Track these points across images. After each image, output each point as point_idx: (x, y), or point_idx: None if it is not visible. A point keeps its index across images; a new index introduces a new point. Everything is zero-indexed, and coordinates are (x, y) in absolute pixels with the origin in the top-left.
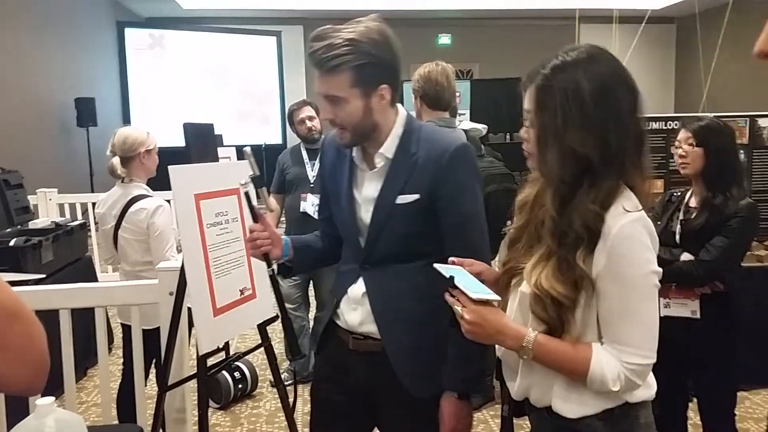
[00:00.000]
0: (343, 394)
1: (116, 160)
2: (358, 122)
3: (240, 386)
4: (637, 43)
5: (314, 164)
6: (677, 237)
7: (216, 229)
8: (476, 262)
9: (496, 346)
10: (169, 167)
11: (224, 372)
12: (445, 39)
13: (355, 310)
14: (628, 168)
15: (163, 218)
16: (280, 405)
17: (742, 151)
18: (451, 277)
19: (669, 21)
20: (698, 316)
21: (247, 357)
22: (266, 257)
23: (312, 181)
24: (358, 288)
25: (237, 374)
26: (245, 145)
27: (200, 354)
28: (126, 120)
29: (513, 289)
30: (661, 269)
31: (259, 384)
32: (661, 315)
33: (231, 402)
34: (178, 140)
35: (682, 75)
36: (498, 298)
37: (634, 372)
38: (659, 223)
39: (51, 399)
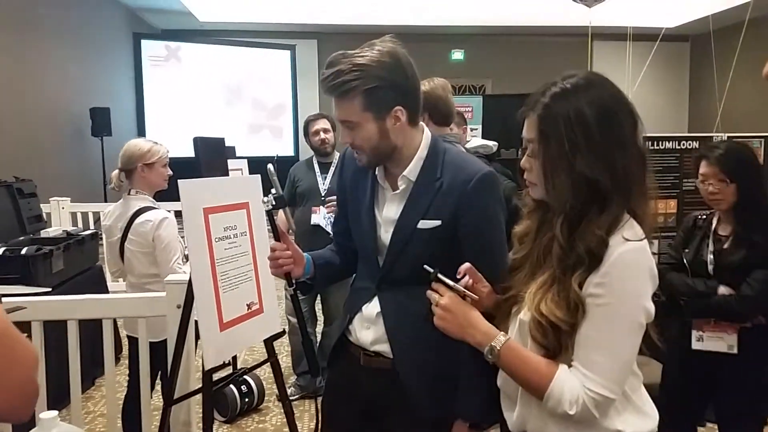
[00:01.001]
0: (352, 409)
1: (115, 172)
2: (376, 145)
3: (246, 400)
4: (651, 61)
5: (326, 177)
6: (710, 268)
7: (224, 243)
8: (483, 279)
9: (499, 375)
10: (179, 181)
11: (231, 385)
12: (458, 54)
13: (368, 329)
14: (634, 193)
15: (168, 230)
16: (285, 420)
17: None
18: (436, 271)
19: (683, 39)
20: (735, 351)
21: (254, 371)
22: (288, 276)
23: (323, 194)
24: (373, 307)
25: (244, 387)
26: (257, 157)
27: (206, 368)
28: (141, 130)
29: (513, 317)
30: (653, 307)
31: (266, 398)
32: (694, 348)
33: (237, 415)
34: (192, 151)
35: (696, 94)
36: (474, 296)
37: (594, 402)
38: (687, 250)
39: (54, 413)
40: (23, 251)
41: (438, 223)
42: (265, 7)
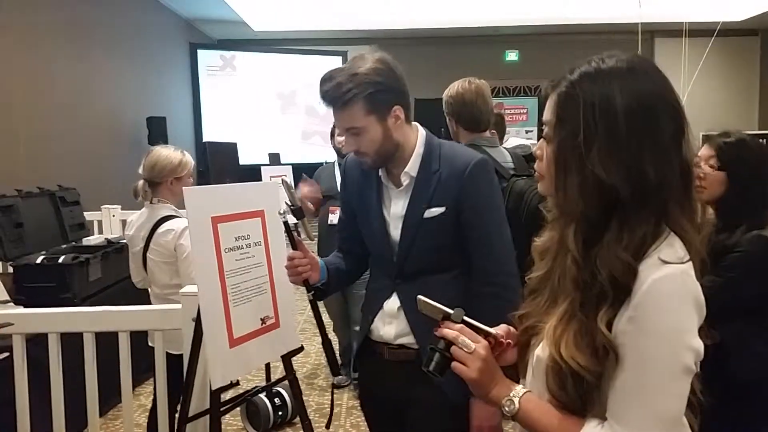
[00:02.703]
0: (381, 404)
1: (141, 183)
2: (381, 146)
3: (280, 413)
4: (717, 57)
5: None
6: None
7: (236, 254)
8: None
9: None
10: (184, 189)
11: (264, 398)
12: (512, 55)
13: (391, 324)
14: (670, 209)
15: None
16: None
17: None
18: (460, 312)
19: (752, 33)
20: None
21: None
22: (306, 283)
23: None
24: (393, 303)
25: (277, 401)
26: (307, 164)
27: (213, 388)
28: (198, 138)
29: (532, 350)
30: (701, 345)
31: None
32: None
33: (270, 429)
34: (249, 159)
35: (767, 90)
36: (510, 343)
37: None
38: None
39: None
40: (60, 260)
41: (443, 209)
42: (317, 14)
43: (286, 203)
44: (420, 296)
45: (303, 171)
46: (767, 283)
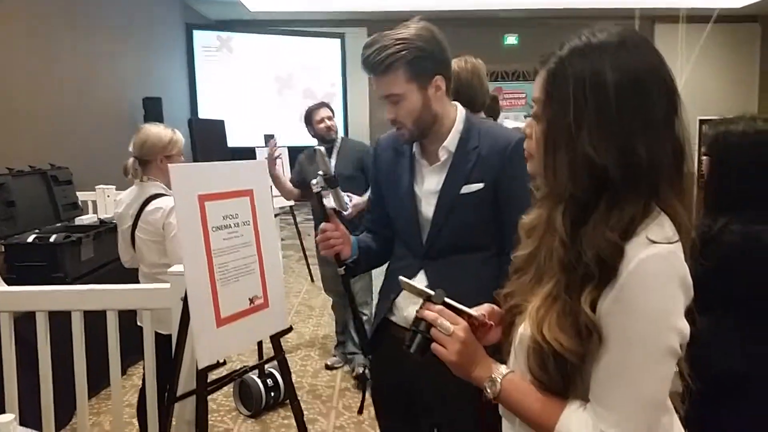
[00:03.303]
0: (395, 390)
1: (131, 161)
2: (419, 116)
3: (273, 394)
4: (715, 44)
5: (331, 161)
6: None
7: (223, 233)
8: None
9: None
10: (170, 166)
11: (257, 379)
12: (512, 39)
13: (416, 304)
14: (661, 189)
15: None
16: (311, 416)
17: None
18: (441, 293)
19: (752, 20)
20: None
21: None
22: (337, 257)
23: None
24: (419, 281)
25: (270, 381)
26: (304, 146)
27: (199, 367)
28: (194, 119)
29: (517, 328)
30: (687, 326)
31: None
32: None
33: (262, 410)
34: (245, 140)
35: (766, 76)
36: (492, 323)
37: None
38: None
39: (11, 416)
40: (51, 239)
41: (481, 185)
42: None
43: (320, 173)
44: (401, 277)
45: (299, 153)
46: (743, 278)
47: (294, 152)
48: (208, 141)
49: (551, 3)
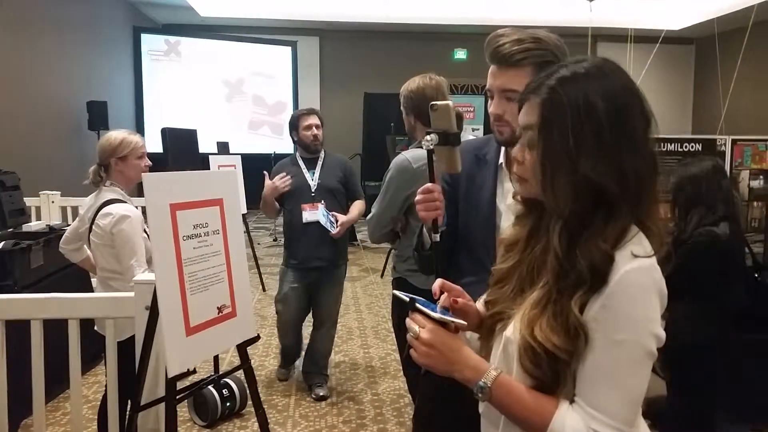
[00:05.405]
0: (456, 413)
1: (94, 167)
2: None
3: (228, 404)
4: (656, 63)
5: (314, 173)
6: None
7: (193, 242)
8: (463, 292)
9: (479, 403)
10: (143, 175)
11: (212, 389)
12: (461, 54)
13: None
14: (644, 201)
15: (130, 226)
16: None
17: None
18: (412, 300)
19: (688, 42)
20: None
21: (236, 374)
22: (434, 223)
23: (313, 191)
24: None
25: (225, 392)
26: (256, 154)
27: (169, 376)
28: (139, 124)
29: (498, 334)
30: (663, 333)
31: (249, 402)
32: None
33: (218, 420)
34: (200, 147)
35: (700, 96)
36: (463, 322)
37: None
38: None
39: None
40: None
41: None
42: (266, 2)
43: (437, 132)
44: (394, 291)
45: (252, 161)
46: (708, 271)
47: (247, 161)
48: (181, 150)
49: (500, 19)
